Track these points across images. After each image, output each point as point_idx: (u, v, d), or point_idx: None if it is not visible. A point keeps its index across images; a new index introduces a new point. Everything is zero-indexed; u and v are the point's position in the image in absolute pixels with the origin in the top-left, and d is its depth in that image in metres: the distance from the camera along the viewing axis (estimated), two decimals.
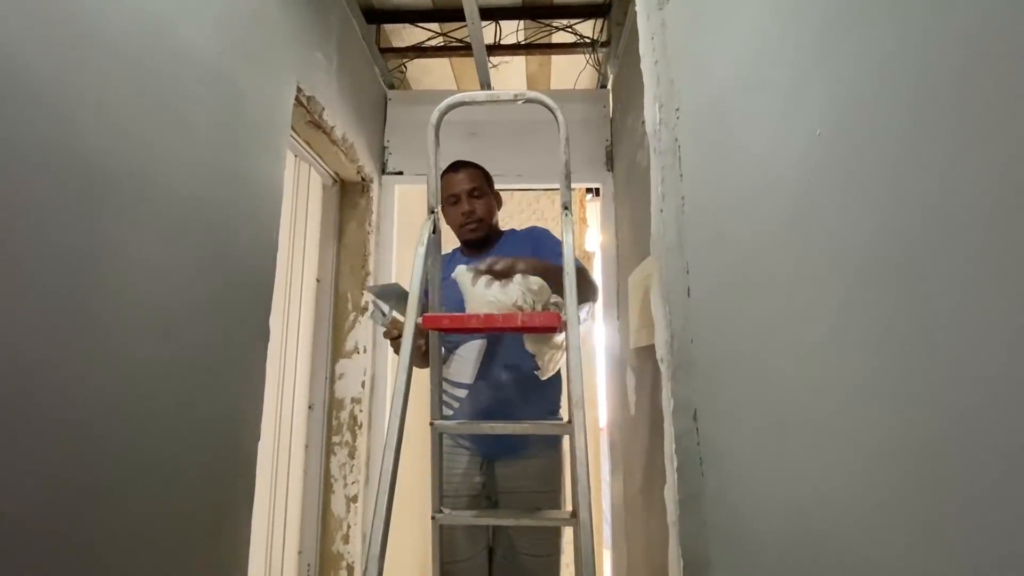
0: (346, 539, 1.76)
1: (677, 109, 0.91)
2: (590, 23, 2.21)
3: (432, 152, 1.13)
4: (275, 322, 1.24)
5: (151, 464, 0.83)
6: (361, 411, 1.84)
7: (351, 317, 1.88)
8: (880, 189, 0.42)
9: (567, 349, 0.96)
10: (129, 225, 0.78)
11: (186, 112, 0.91)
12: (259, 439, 1.15)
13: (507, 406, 1.35)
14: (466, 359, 1.38)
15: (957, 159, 0.34)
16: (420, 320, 1.00)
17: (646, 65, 1.00)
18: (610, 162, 2.11)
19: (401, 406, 0.95)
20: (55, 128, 0.65)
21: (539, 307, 1.07)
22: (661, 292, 0.90)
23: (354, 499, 1.78)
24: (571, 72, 2.56)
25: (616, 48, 1.95)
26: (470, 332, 1.14)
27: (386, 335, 1.32)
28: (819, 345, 0.50)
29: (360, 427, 1.83)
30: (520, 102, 1.12)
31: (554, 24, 2.23)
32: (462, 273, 1.13)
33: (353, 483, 1.79)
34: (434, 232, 1.13)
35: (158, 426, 0.84)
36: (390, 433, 0.93)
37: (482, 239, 1.44)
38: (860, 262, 0.44)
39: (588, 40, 2.17)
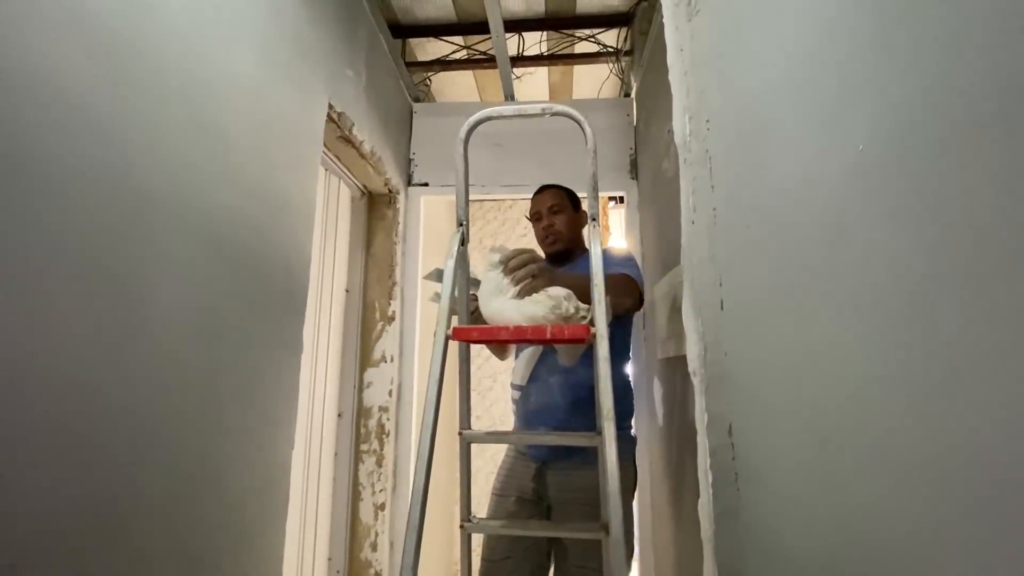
0: (374, 547, 1.78)
1: (707, 120, 0.91)
2: (613, 32, 2.21)
3: (461, 166, 1.15)
4: (306, 332, 1.27)
5: (193, 471, 0.85)
6: (388, 419, 1.86)
7: (379, 327, 1.91)
8: (924, 205, 0.41)
9: (596, 360, 0.95)
10: (172, 239, 0.81)
11: (225, 129, 0.94)
12: (293, 447, 1.18)
13: (556, 410, 1.36)
14: (522, 362, 1.42)
15: (1005, 175, 0.34)
16: (450, 332, 1.02)
17: (674, 76, 1.00)
18: (634, 170, 2.10)
19: (432, 417, 0.96)
20: (104, 147, 0.69)
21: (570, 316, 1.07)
22: (692, 304, 0.90)
23: (381, 507, 1.80)
24: (593, 81, 2.57)
25: (640, 57, 1.95)
26: (499, 343, 1.15)
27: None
28: (866, 359, 0.49)
29: (387, 435, 1.85)
30: (548, 115, 1.13)
31: (576, 35, 2.24)
32: (486, 280, 1.13)
33: (381, 491, 1.81)
34: (462, 244, 1.15)
35: (200, 434, 0.87)
36: (422, 445, 0.94)
37: (562, 252, 1.50)
38: (904, 277, 0.43)
39: (611, 49, 2.18)
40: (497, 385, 3.11)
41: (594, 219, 1.13)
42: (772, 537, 0.69)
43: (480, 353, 3.18)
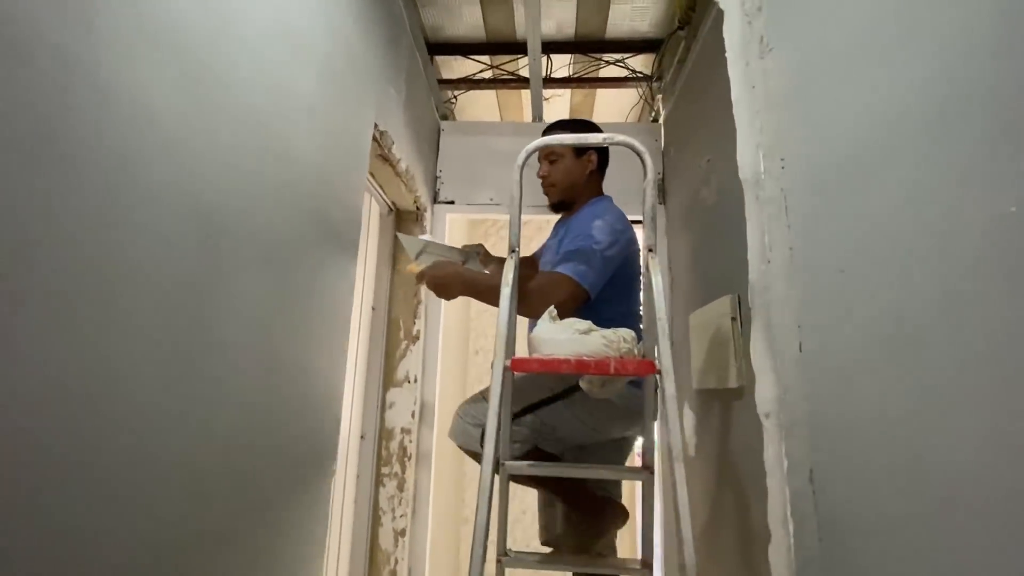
0: (393, 574, 1.72)
1: (782, 159, 0.91)
2: (639, 58, 2.23)
3: (517, 192, 1.14)
4: None
5: (246, 484, 0.81)
6: (411, 441, 1.82)
7: (403, 345, 1.87)
8: None
9: (662, 399, 0.94)
10: (240, 260, 0.78)
11: (288, 148, 0.92)
12: (334, 474, 1.14)
13: None
14: None
15: None
16: (508, 363, 0.99)
17: (742, 112, 1.00)
18: (662, 195, 2.10)
19: (492, 450, 0.94)
20: (183, 172, 0.66)
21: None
22: (767, 345, 0.88)
23: (402, 533, 1.75)
24: (615, 103, 2.59)
25: (673, 84, 1.96)
26: (561, 373, 1.12)
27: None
28: (992, 419, 0.48)
29: (409, 458, 1.80)
30: (608, 144, 1.12)
31: (604, 59, 2.26)
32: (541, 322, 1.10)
33: (401, 516, 1.76)
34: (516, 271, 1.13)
35: (258, 452, 0.83)
36: (483, 478, 0.91)
37: (559, 203, 1.44)
38: None
39: (640, 75, 2.19)
40: None
41: (651, 250, 1.11)
42: None
43: (490, 372, 3.13)
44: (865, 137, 0.69)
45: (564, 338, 1.01)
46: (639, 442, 1.44)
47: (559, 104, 2.59)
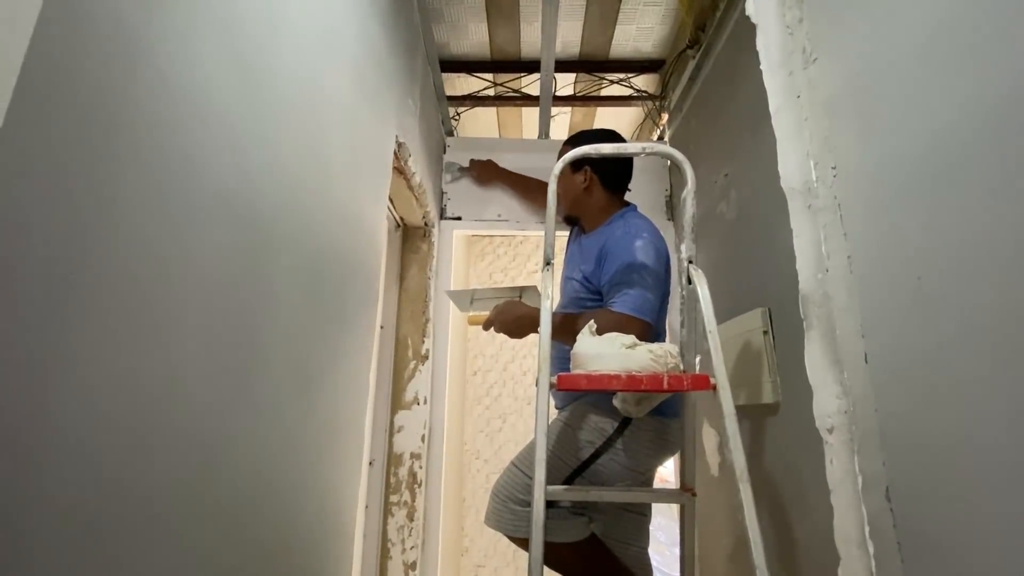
0: None
1: (834, 167, 0.90)
2: (643, 77, 2.26)
3: (553, 203, 1.10)
4: None
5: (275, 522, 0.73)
6: (420, 467, 1.73)
7: (411, 365, 1.80)
8: None
9: (725, 415, 0.90)
10: (282, 271, 0.72)
11: (325, 152, 0.87)
12: (356, 506, 1.06)
13: None
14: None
15: None
16: (555, 380, 0.94)
17: (785, 122, 0.99)
18: (670, 211, 2.11)
19: (544, 476, 0.88)
20: (242, 175, 0.60)
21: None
22: (829, 357, 0.86)
23: (412, 566, 1.65)
24: (613, 122, 2.61)
25: (681, 102, 1.98)
26: (610, 391, 1.07)
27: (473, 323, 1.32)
28: None
29: (420, 485, 1.71)
30: (645, 154, 1.10)
31: (608, 78, 2.28)
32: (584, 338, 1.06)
33: (412, 548, 1.66)
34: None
35: (287, 489, 0.75)
36: (536, 508, 0.85)
37: (566, 218, 1.47)
38: None
39: (645, 93, 2.22)
40: (506, 426, 2.99)
41: (691, 261, 1.09)
42: None
43: (489, 393, 3.06)
44: (936, 144, 0.68)
45: (611, 353, 0.97)
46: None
47: (560, 122, 2.60)
